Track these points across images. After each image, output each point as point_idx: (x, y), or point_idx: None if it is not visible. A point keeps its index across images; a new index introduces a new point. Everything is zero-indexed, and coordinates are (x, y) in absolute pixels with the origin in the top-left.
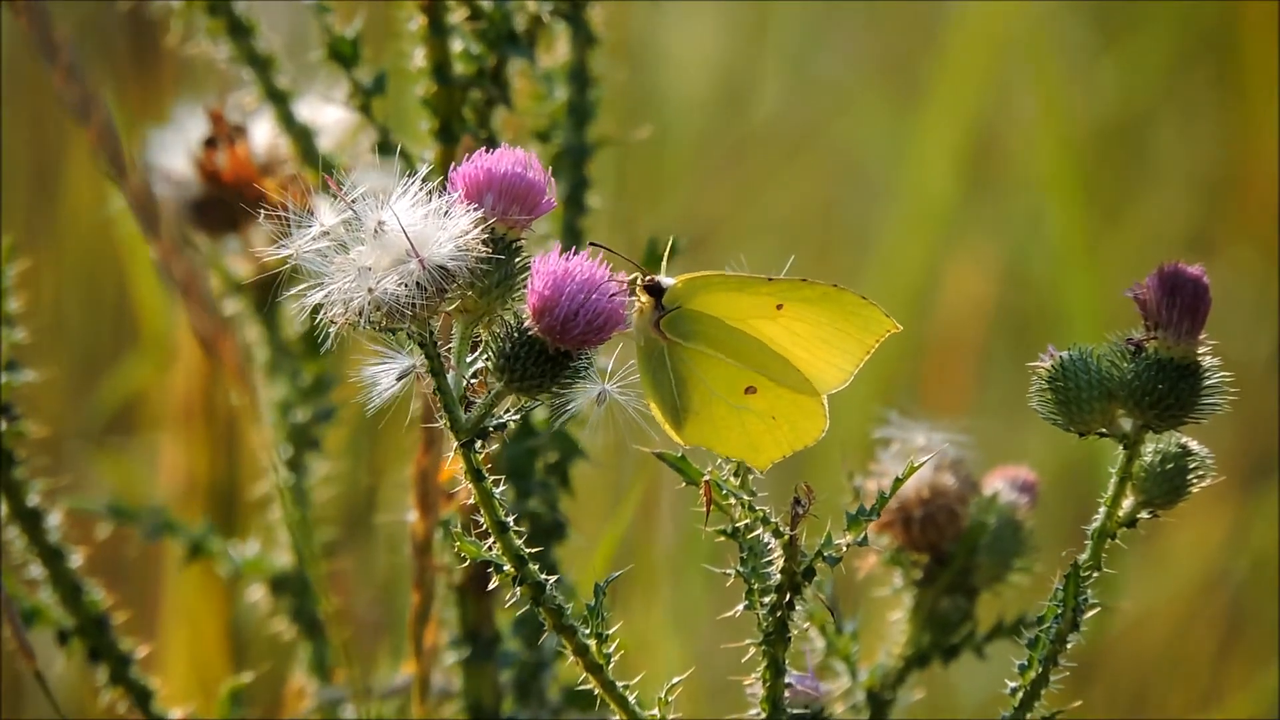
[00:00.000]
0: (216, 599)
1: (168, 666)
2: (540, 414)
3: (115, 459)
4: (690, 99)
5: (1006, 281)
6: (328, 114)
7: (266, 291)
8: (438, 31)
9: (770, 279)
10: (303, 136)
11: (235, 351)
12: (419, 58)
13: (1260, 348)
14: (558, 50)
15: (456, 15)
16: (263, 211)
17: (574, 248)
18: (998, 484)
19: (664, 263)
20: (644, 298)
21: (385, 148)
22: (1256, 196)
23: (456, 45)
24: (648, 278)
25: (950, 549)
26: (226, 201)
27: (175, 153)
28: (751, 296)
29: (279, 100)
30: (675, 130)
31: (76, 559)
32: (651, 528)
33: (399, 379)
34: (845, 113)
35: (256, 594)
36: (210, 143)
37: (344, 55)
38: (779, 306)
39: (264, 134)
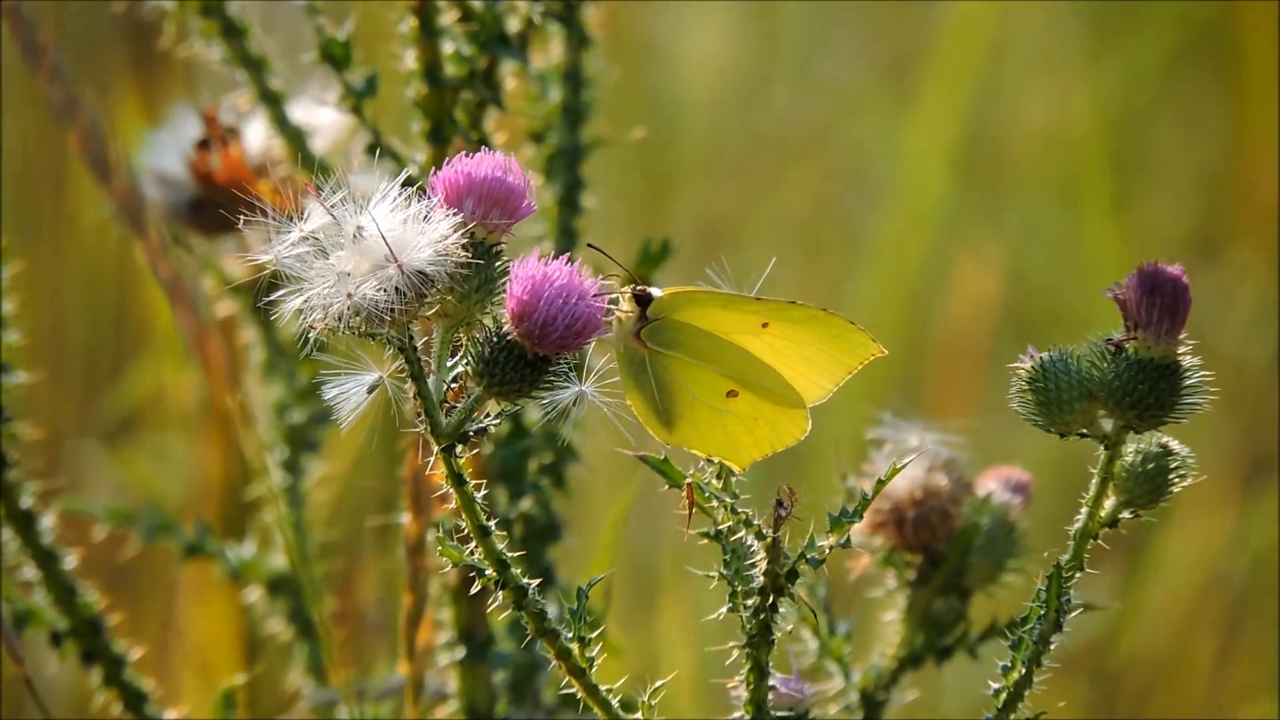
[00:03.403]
0: (226, 599)
1: (175, 667)
2: (533, 415)
3: (128, 459)
4: (695, 100)
5: (1013, 282)
6: (322, 116)
7: (262, 293)
8: (429, 33)
9: (759, 299)
10: (296, 138)
11: (221, 353)
12: (410, 59)
13: (1260, 348)
14: (553, 50)
15: (447, 17)
16: (244, 215)
17: (569, 249)
18: (991, 484)
19: (659, 264)
20: (627, 306)
21: (376, 150)
22: (1256, 196)
23: (448, 47)
24: (638, 288)
25: (943, 550)
26: (221, 203)
27: (170, 155)
28: (736, 313)
29: (272, 102)
30: (681, 131)
31: (71, 561)
32: (658, 530)
33: (370, 391)
34: (850, 114)
35: (253, 595)
36: (204, 144)
37: (336, 57)
38: (764, 324)
39: (258, 136)
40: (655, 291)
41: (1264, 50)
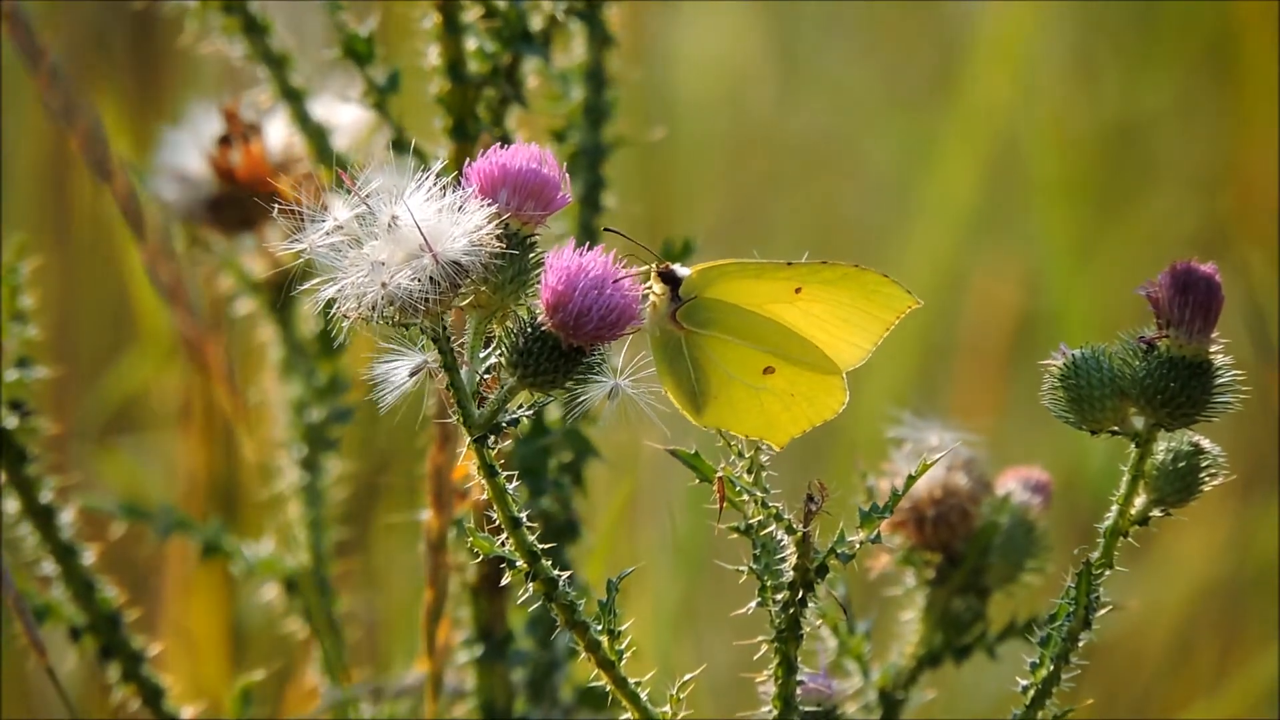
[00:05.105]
0: (219, 598)
1: (170, 665)
2: (553, 412)
3: (116, 457)
4: (704, 102)
5: (1032, 287)
6: (343, 112)
7: (281, 291)
8: (452, 29)
9: (790, 263)
10: (317, 135)
11: (221, 356)
12: (433, 56)
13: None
14: (574, 50)
15: (471, 13)
16: (277, 208)
17: (590, 248)
18: (1011, 484)
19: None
20: (658, 288)
21: (400, 146)
22: (1256, 196)
23: (471, 43)
24: (663, 265)
25: (962, 549)
26: (241, 200)
27: (189, 152)
28: (769, 282)
29: (294, 98)
30: (689, 134)
31: (89, 556)
32: (643, 525)
33: (411, 375)
34: (857, 115)
35: (270, 593)
36: (225, 141)
37: (358, 53)
38: (797, 290)
39: (278, 132)
40: (681, 270)
41: (1264, 51)
